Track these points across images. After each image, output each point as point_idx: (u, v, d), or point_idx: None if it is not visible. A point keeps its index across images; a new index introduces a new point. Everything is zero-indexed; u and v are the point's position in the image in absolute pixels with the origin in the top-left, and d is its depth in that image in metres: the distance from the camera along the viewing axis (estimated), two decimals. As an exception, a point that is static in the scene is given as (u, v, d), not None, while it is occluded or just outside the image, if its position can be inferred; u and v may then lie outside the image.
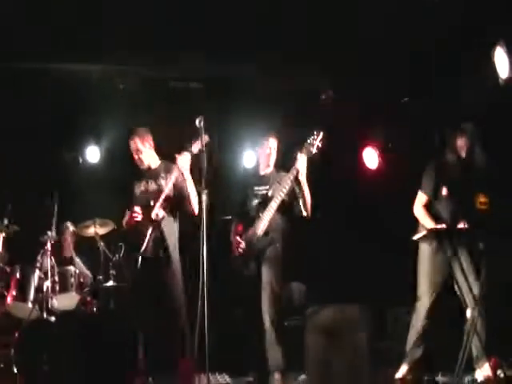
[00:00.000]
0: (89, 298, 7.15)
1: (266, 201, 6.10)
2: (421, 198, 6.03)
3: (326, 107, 7.95)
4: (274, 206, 6.01)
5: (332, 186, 7.98)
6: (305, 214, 6.11)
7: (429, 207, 5.99)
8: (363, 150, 8.47)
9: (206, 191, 5.53)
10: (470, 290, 5.62)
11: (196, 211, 5.76)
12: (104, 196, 7.79)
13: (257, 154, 6.52)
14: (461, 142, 6.03)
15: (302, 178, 6.03)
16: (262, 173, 6.37)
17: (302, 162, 6.01)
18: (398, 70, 7.15)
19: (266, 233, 6.06)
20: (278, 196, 6.01)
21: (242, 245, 6.11)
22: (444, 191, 5.99)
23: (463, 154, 6.02)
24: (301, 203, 6.08)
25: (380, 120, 8.18)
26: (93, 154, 8.16)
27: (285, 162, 6.43)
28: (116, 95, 7.60)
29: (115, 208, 7.51)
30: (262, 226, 6.04)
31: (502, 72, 6.21)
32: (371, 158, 8.46)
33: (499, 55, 6.22)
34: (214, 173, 5.71)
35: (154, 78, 7.62)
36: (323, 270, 7.66)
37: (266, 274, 6.02)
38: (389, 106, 7.97)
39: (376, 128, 8.30)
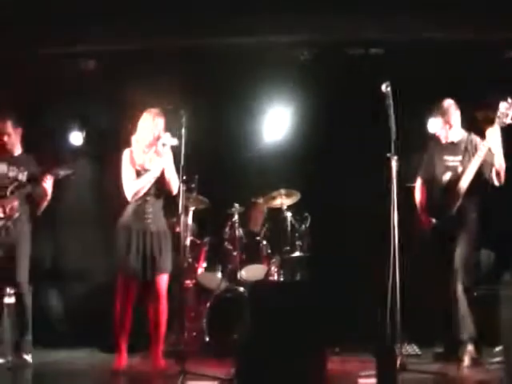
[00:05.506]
0: (276, 269, 7.22)
1: (458, 175, 5.93)
2: None
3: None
4: (466, 182, 5.84)
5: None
6: (497, 183, 5.88)
7: None
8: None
9: (395, 157, 5.40)
10: None
11: None
12: (289, 166, 7.82)
13: (440, 119, 6.22)
14: None
15: (496, 149, 5.77)
16: (450, 139, 6.12)
17: (494, 133, 5.75)
18: None
19: (460, 209, 5.88)
20: (471, 172, 5.83)
21: (433, 223, 6.02)
22: None
23: None
24: (493, 172, 5.84)
25: None
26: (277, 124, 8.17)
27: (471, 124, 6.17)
28: (297, 66, 7.56)
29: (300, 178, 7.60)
30: (456, 204, 5.88)
31: None
32: None
33: None
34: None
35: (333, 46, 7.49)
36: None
37: (460, 243, 5.89)
38: None
39: None
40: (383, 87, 5.55)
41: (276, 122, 8.07)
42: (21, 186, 6.17)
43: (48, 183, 6.13)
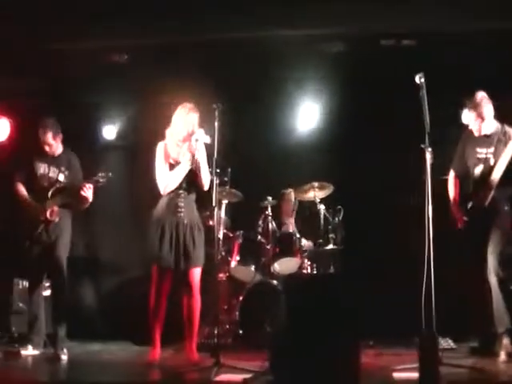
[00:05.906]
0: (309, 262, 7.20)
1: (490, 167, 5.85)
2: None
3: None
4: (499, 173, 5.76)
5: None
6: None
7: None
8: None
9: (429, 149, 5.33)
10: None
11: None
12: (321, 159, 7.78)
13: (472, 113, 6.11)
14: None
15: None
16: (484, 132, 6.02)
17: None
18: None
19: (492, 201, 5.80)
20: (504, 162, 5.74)
21: (465, 218, 5.97)
22: None
23: None
24: None
25: None
26: (309, 116, 8.12)
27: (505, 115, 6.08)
28: (330, 57, 7.52)
29: (332, 170, 7.56)
30: (489, 196, 5.81)
31: None
32: None
33: None
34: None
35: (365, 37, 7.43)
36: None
37: (494, 235, 5.81)
38: None
39: None
40: (417, 78, 5.48)
41: (308, 115, 8.04)
42: (61, 190, 6.22)
43: (88, 192, 6.15)
